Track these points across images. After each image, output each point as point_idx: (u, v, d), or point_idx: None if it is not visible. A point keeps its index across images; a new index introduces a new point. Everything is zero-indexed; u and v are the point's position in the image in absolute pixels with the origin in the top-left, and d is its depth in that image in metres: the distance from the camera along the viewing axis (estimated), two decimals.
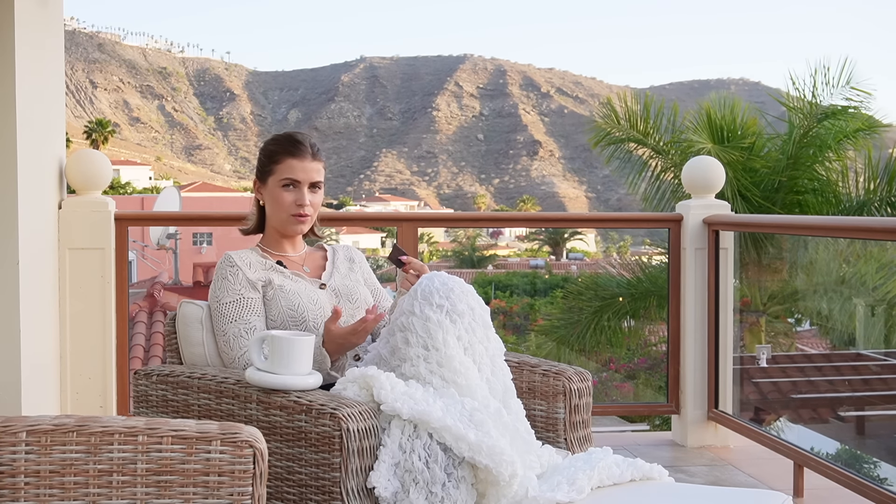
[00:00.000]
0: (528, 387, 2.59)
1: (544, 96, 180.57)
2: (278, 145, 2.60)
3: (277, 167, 2.58)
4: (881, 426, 4.99)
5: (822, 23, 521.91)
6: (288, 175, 2.56)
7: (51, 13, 3.78)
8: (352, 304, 2.60)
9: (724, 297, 4.42)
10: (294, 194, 2.57)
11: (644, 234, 29.92)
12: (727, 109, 9.03)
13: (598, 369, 9.82)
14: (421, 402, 2.12)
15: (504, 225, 5.66)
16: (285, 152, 2.58)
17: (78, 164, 4.02)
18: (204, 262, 16.82)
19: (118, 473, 1.68)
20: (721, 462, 4.19)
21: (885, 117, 9.43)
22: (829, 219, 6.42)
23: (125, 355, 4.12)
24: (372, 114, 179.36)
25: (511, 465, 2.05)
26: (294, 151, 2.57)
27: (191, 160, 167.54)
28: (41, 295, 3.76)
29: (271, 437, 2.18)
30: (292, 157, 2.57)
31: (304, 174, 2.56)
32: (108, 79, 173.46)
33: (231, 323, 2.48)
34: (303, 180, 2.56)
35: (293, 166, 2.56)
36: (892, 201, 8.61)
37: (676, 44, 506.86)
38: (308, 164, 2.57)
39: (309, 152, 2.58)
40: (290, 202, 2.57)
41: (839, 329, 5.95)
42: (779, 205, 8.82)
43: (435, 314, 2.25)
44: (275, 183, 2.58)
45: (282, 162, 2.57)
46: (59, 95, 3.98)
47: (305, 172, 2.56)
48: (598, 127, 9.65)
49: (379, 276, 2.85)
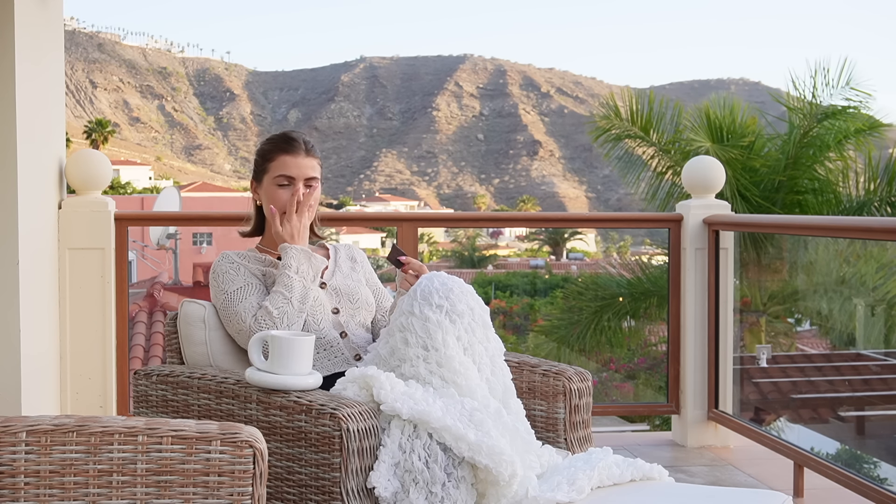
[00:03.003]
0: (528, 387, 2.59)
1: (544, 96, 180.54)
2: (271, 144, 2.61)
3: (271, 165, 2.58)
4: (881, 426, 4.99)
5: (821, 23, 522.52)
6: (282, 171, 2.56)
7: (51, 13, 3.78)
8: (353, 303, 2.60)
9: (724, 297, 4.42)
10: (289, 191, 2.56)
11: (644, 234, 29.93)
12: (726, 110, 9.03)
13: (598, 369, 9.82)
14: (421, 402, 2.12)
15: (504, 225, 5.67)
16: (278, 150, 2.58)
17: (78, 164, 4.03)
18: (204, 262, 16.84)
19: (118, 473, 1.68)
20: (721, 462, 4.19)
21: (886, 117, 9.43)
22: (829, 219, 6.42)
23: (125, 355, 4.12)
24: (372, 114, 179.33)
25: (511, 465, 2.05)
26: (287, 148, 2.57)
27: (191, 160, 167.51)
28: (41, 295, 3.76)
29: (271, 437, 2.18)
30: (285, 154, 2.57)
31: (298, 170, 2.56)
32: (107, 79, 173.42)
33: (241, 303, 2.48)
34: (297, 176, 2.56)
35: (287, 163, 2.56)
36: (892, 201, 8.61)
37: (676, 44, 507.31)
38: (302, 160, 2.57)
39: (302, 148, 2.58)
40: (285, 200, 2.56)
41: (839, 329, 5.96)
42: (779, 205, 8.82)
43: (434, 314, 2.25)
44: (270, 181, 2.58)
45: (275, 159, 2.57)
46: (59, 95, 3.98)
47: (299, 168, 2.56)
48: (599, 125, 9.64)
49: (379, 276, 2.84)
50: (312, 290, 2.49)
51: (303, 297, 2.46)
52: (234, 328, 2.49)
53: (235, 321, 2.48)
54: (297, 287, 2.45)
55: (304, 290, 2.46)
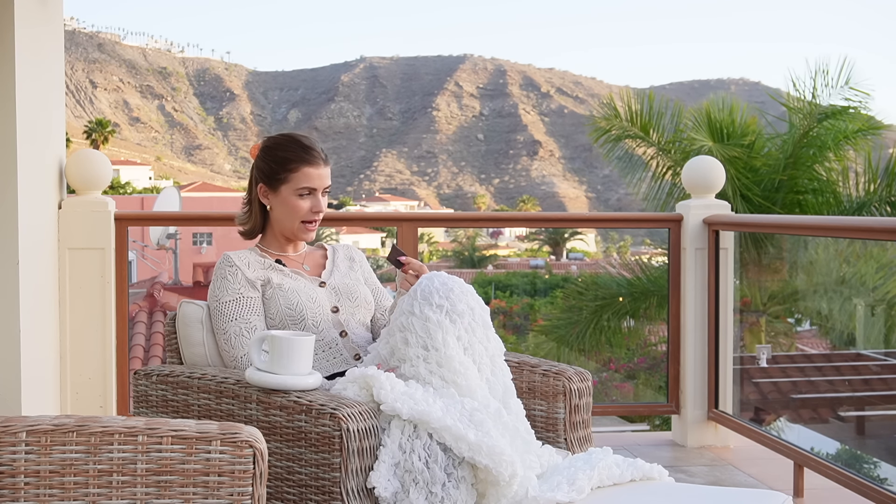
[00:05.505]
0: (528, 387, 2.59)
1: (544, 96, 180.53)
2: (291, 153, 2.56)
3: (293, 176, 2.54)
4: (881, 426, 5.00)
5: (822, 23, 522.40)
6: (306, 184, 2.54)
7: (51, 13, 3.78)
8: (352, 302, 2.60)
9: (724, 297, 4.42)
10: (310, 201, 2.56)
11: (644, 234, 29.91)
12: (726, 110, 9.04)
13: (598, 369, 9.82)
14: (421, 402, 2.12)
15: (504, 225, 5.66)
16: (300, 160, 2.54)
17: (78, 164, 4.03)
18: (204, 262, 16.84)
19: (118, 473, 1.68)
20: (721, 462, 4.19)
21: (886, 118, 9.44)
22: (829, 219, 6.42)
23: (125, 355, 4.12)
24: (372, 114, 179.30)
25: (511, 465, 2.05)
26: (309, 160, 2.55)
27: (191, 160, 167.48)
28: (41, 295, 3.76)
29: (271, 437, 2.18)
30: (308, 166, 2.55)
31: (320, 181, 2.57)
32: (108, 79, 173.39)
33: (231, 322, 2.48)
34: (319, 187, 2.57)
35: (310, 175, 2.54)
36: (892, 201, 8.61)
37: (676, 44, 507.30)
38: (323, 171, 2.57)
39: (322, 158, 2.58)
40: (305, 210, 2.56)
41: (839, 329, 5.96)
42: (779, 204, 8.82)
43: (434, 314, 2.25)
44: (289, 191, 2.55)
45: (298, 171, 2.54)
46: (59, 95, 3.98)
47: (321, 180, 2.57)
48: (599, 125, 9.65)
49: (378, 276, 2.84)
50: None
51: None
52: (220, 343, 2.52)
53: (222, 339, 2.50)
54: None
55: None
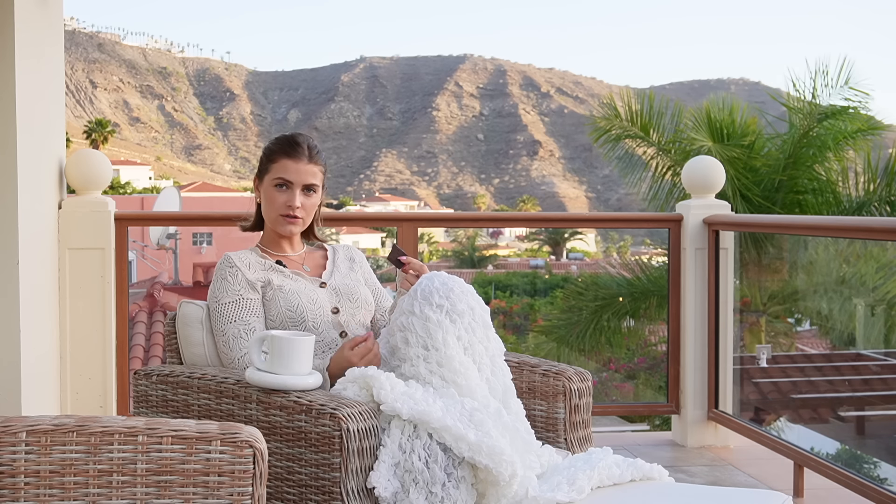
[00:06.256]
0: (528, 387, 2.59)
1: (544, 96, 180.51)
2: (277, 145, 2.61)
3: (273, 166, 2.58)
4: (881, 426, 4.99)
5: (821, 23, 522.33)
6: (281, 175, 2.56)
7: (51, 13, 3.78)
8: (352, 303, 2.60)
9: (724, 297, 4.42)
10: (286, 195, 2.56)
11: (644, 234, 29.94)
12: (726, 111, 9.03)
13: (598, 369, 9.82)
14: (421, 402, 2.12)
15: (504, 225, 5.66)
16: (281, 152, 2.58)
17: (78, 164, 4.03)
18: (204, 262, 16.83)
19: (118, 473, 1.68)
20: (721, 462, 4.19)
21: (885, 118, 9.44)
22: (829, 219, 6.42)
23: (125, 355, 4.12)
24: (372, 114, 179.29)
25: (511, 465, 2.05)
26: (290, 152, 2.57)
27: (191, 160, 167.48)
28: (41, 295, 3.76)
29: (271, 437, 2.18)
30: (287, 158, 2.57)
31: (297, 175, 2.56)
32: (107, 79, 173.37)
33: (230, 323, 2.48)
34: (295, 181, 2.56)
35: (287, 167, 2.56)
36: (892, 201, 8.61)
37: (676, 44, 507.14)
38: (302, 166, 2.56)
39: (305, 154, 2.57)
40: (280, 202, 2.56)
41: (839, 329, 5.96)
42: (779, 204, 8.82)
43: (435, 314, 2.25)
44: (269, 182, 2.58)
45: (277, 161, 2.58)
46: (59, 95, 3.98)
47: (298, 174, 2.56)
48: (599, 125, 9.64)
49: (379, 276, 2.84)
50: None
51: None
52: (219, 344, 2.52)
53: (221, 340, 2.50)
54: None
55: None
